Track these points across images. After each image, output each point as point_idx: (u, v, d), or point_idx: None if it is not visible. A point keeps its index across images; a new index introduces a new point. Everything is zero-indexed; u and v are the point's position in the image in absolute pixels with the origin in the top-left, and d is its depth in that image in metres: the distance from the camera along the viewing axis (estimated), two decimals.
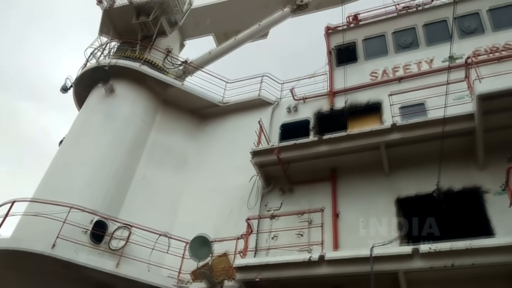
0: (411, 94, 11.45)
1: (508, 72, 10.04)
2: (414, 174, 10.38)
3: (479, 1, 13.30)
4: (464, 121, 9.59)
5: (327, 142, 10.95)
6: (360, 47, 14.32)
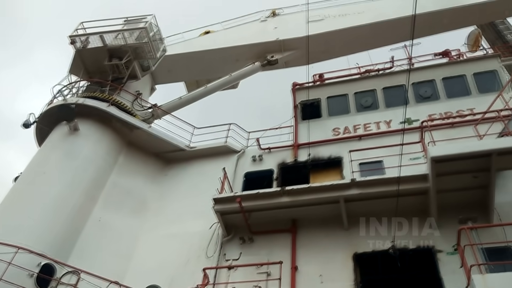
0: (370, 152, 11.96)
1: (459, 137, 10.79)
2: (372, 230, 10.56)
3: (434, 71, 14.48)
4: (418, 181, 10.02)
5: (289, 193, 11.09)
6: (324, 105, 15.05)
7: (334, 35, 17.44)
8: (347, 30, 17.37)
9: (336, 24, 17.56)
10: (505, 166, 9.64)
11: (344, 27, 17.42)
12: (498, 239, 8.78)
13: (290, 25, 18.14)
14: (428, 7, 16.64)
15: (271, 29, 18.57)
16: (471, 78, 13.91)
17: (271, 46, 17.82)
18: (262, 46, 17.96)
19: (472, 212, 9.80)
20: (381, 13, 17.33)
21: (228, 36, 18.83)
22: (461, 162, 9.41)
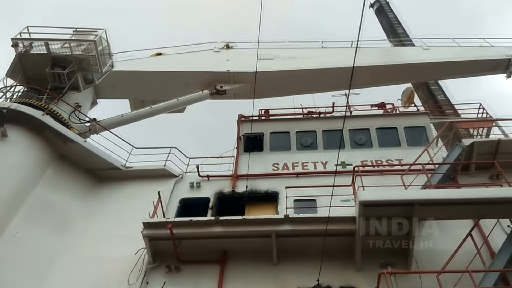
0: (305, 190, 12.34)
1: (387, 185, 11.50)
2: (299, 267, 10.72)
3: (370, 120, 15.51)
4: (347, 223, 10.45)
5: (223, 223, 11.03)
6: (267, 139, 15.47)
7: (282, 75, 18.16)
8: (294, 72, 18.18)
9: (285, 65, 18.35)
10: (426, 216, 10.34)
11: (292, 68, 18.23)
12: (415, 285, 9.30)
13: (241, 59, 18.62)
14: (370, 61, 17.96)
15: (223, 60, 18.94)
16: (402, 131, 15.05)
17: (222, 77, 18.12)
18: (213, 75, 18.21)
19: (393, 257, 10.38)
20: (327, 60, 18.40)
21: (180, 60, 18.91)
22: (387, 208, 9.99)
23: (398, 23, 28.36)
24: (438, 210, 10.01)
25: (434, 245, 10.75)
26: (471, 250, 10.17)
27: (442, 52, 19.14)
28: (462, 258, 9.83)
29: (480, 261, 10.01)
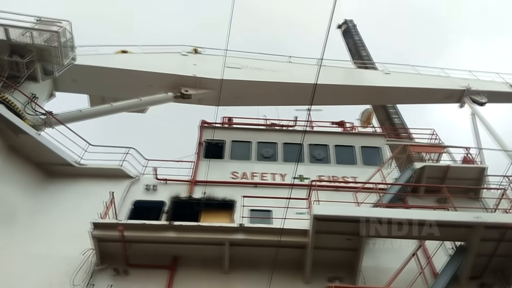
0: (262, 201, 12.41)
1: (341, 201, 11.80)
2: (250, 276, 10.75)
3: (329, 137, 15.95)
4: (299, 235, 10.62)
5: (176, 229, 10.88)
6: (228, 147, 15.50)
7: (248, 85, 18.32)
8: (260, 83, 18.39)
9: (252, 75, 18.54)
10: (375, 233, 10.66)
11: (258, 80, 18.43)
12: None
13: (208, 66, 18.59)
14: (332, 80, 18.52)
15: (190, 65, 18.83)
16: (358, 150, 15.58)
17: (187, 81, 18.01)
18: (178, 79, 18.05)
19: (341, 271, 10.64)
20: (292, 75, 18.77)
21: (146, 60, 18.58)
22: (338, 223, 10.25)
23: (362, 46, 29.42)
24: (385, 228, 10.36)
25: (381, 262, 11.14)
26: (415, 269, 10.63)
27: (401, 78, 20.03)
28: (406, 277, 10.26)
29: (423, 280, 10.46)
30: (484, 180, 13.89)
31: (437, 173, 13.36)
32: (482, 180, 13.63)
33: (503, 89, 20.23)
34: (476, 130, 18.80)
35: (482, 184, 13.60)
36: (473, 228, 10.20)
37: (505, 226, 10.08)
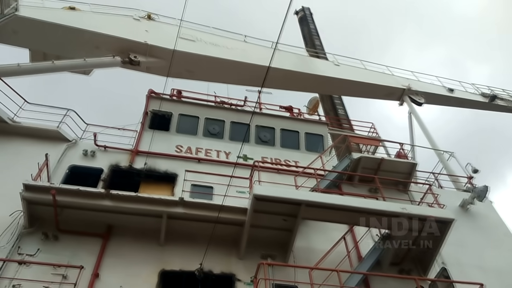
0: (205, 177, 12.46)
1: (281, 183, 12.16)
2: (185, 250, 10.80)
3: (276, 120, 16.23)
4: (238, 213, 10.83)
5: (113, 197, 10.63)
6: (175, 120, 15.24)
7: (200, 59, 17.95)
8: (213, 59, 18.08)
9: (205, 50, 18.17)
10: (310, 216, 11.19)
11: (211, 55, 18.10)
12: (289, 278, 10.02)
13: (161, 34, 18.00)
14: (285, 65, 18.72)
15: (142, 30, 18.08)
16: (303, 135, 16.01)
17: (137, 47, 17.29)
18: (128, 43, 17.28)
19: (274, 250, 11.06)
20: (246, 55, 18.68)
21: (95, 20, 17.55)
22: (277, 204, 10.59)
23: (317, 35, 29.91)
24: (320, 212, 10.89)
25: (312, 244, 11.70)
26: (343, 252, 11.29)
27: (350, 71, 20.70)
28: (334, 258, 10.87)
29: (349, 263, 11.16)
30: (414, 174, 14.93)
31: (372, 164, 14.11)
32: (411, 174, 14.62)
33: (440, 92, 21.62)
34: (411, 128, 20.05)
35: (411, 178, 14.61)
36: (399, 218, 10.97)
37: (427, 219, 10.97)
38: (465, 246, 12.81)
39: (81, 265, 9.41)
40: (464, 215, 14.02)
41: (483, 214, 14.25)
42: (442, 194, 14.23)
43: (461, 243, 12.69)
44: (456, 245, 12.38)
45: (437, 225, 11.16)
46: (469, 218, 14.00)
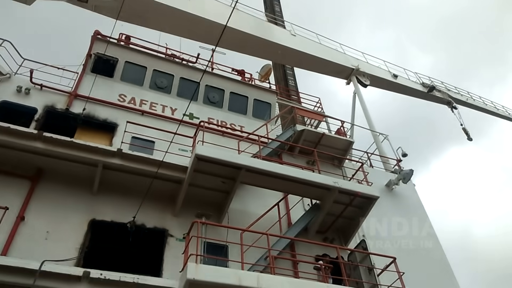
0: (147, 130, 12.17)
1: (224, 146, 12.22)
2: (119, 202, 10.67)
3: (227, 82, 16.05)
4: (178, 171, 10.82)
5: (46, 140, 10.11)
6: (120, 67, 14.52)
7: (153, 6, 17.03)
8: (166, 7, 17.19)
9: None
10: (249, 181, 11.44)
11: (166, 3, 17.21)
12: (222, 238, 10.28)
13: None
14: (243, 27, 18.39)
15: None
16: (251, 101, 16.04)
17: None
18: None
19: (209, 210, 11.17)
20: (204, 10, 18.03)
21: None
22: (218, 166, 10.69)
23: (277, 1, 29.49)
24: (258, 178, 11.20)
25: (247, 207, 12.07)
26: (275, 218, 11.78)
27: (305, 43, 20.82)
28: (266, 223, 11.31)
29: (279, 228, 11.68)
30: (349, 152, 15.69)
31: (313, 138, 14.59)
32: (347, 151, 15.35)
33: (385, 77, 22.55)
34: (353, 107, 20.87)
35: (347, 155, 15.35)
36: (330, 190, 11.61)
37: (355, 194, 11.72)
38: (385, 222, 13.87)
39: (6, 206, 8.97)
40: (389, 194, 15.12)
41: (405, 195, 15.45)
42: (372, 172, 15.17)
43: (382, 219, 13.73)
44: (378, 221, 13.41)
45: (363, 201, 12.01)
46: (392, 198, 15.12)
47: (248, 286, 8.22)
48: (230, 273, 8.44)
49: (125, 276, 8.18)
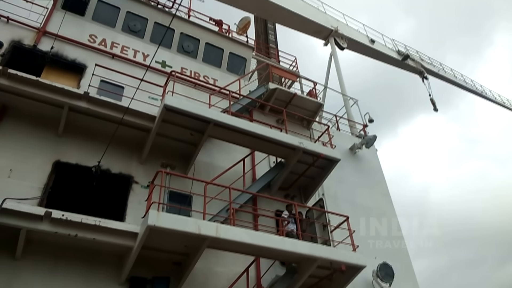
0: (116, 75, 11.96)
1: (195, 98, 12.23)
2: (85, 145, 10.65)
3: (203, 32, 15.69)
4: (145, 119, 10.80)
5: (11, 77, 9.80)
6: (93, 6, 13.94)
7: None
8: None
9: None
10: (217, 135, 11.57)
11: None
12: (186, 189, 10.56)
13: None
14: None
15: None
16: (227, 54, 15.83)
17: None
18: None
19: (176, 160, 11.37)
20: None
21: None
22: (187, 118, 10.74)
23: None
24: (227, 133, 11.37)
25: (214, 160, 12.33)
26: (240, 172, 12.12)
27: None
28: (231, 177, 11.65)
29: (243, 182, 12.05)
30: (319, 113, 16.00)
31: (285, 97, 14.73)
32: (317, 113, 15.64)
33: (363, 41, 22.58)
34: (328, 69, 20.97)
35: (316, 117, 15.66)
36: (295, 150, 11.98)
37: (318, 155, 12.14)
38: (345, 183, 14.55)
39: None
40: (351, 157, 15.72)
41: (366, 159, 16.10)
42: (337, 136, 15.67)
43: (342, 180, 14.39)
44: (337, 181, 14.06)
45: (325, 162, 12.48)
46: (354, 160, 15.74)
47: (207, 235, 8.59)
48: (190, 221, 8.71)
49: (87, 219, 8.37)
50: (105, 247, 8.81)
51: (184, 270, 9.35)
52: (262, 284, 10.52)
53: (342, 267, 10.03)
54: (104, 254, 8.99)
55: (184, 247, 9.06)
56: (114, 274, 8.99)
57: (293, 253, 9.65)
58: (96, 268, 8.90)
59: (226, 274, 10.04)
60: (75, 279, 8.63)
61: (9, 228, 7.90)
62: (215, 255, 10.09)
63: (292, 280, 10.10)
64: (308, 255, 9.69)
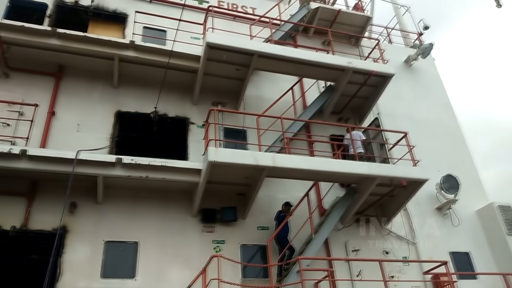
0: (156, 19, 11.99)
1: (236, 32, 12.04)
2: (139, 93, 11.12)
3: None
4: (191, 60, 10.93)
5: (60, 36, 10.24)
6: None
7: None
8: None
9: None
10: (262, 67, 11.51)
11: None
12: (239, 124, 10.87)
13: None
14: None
15: None
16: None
17: None
18: None
19: (225, 97, 11.65)
20: None
21: None
22: (231, 53, 10.72)
23: None
24: (271, 63, 11.25)
25: (262, 93, 12.38)
26: (290, 101, 12.11)
27: None
28: (281, 107, 11.67)
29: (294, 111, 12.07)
30: (367, 28, 15.12)
31: (329, 15, 14.01)
32: (365, 28, 14.78)
33: None
34: None
35: (364, 32, 14.83)
36: (344, 71, 11.64)
37: (369, 73, 11.71)
38: (401, 99, 14.05)
39: (36, 103, 9.59)
40: (407, 70, 14.99)
41: (423, 70, 15.26)
42: (390, 49, 14.86)
43: (398, 96, 13.88)
44: (393, 98, 13.56)
45: (378, 79, 12.04)
46: (410, 73, 15.01)
47: (264, 165, 8.97)
48: (247, 154, 9.15)
49: (154, 161, 9.05)
50: (174, 185, 9.55)
51: (248, 199, 9.96)
52: (324, 206, 10.93)
53: (402, 183, 10.10)
54: (174, 191, 9.78)
55: (245, 178, 9.56)
56: (186, 208, 9.83)
57: (352, 174, 9.83)
58: (169, 204, 9.76)
59: (288, 200, 10.51)
60: (153, 215, 9.55)
61: (88, 176, 8.77)
62: (275, 183, 10.56)
63: (352, 200, 10.39)
64: (367, 174, 9.81)
